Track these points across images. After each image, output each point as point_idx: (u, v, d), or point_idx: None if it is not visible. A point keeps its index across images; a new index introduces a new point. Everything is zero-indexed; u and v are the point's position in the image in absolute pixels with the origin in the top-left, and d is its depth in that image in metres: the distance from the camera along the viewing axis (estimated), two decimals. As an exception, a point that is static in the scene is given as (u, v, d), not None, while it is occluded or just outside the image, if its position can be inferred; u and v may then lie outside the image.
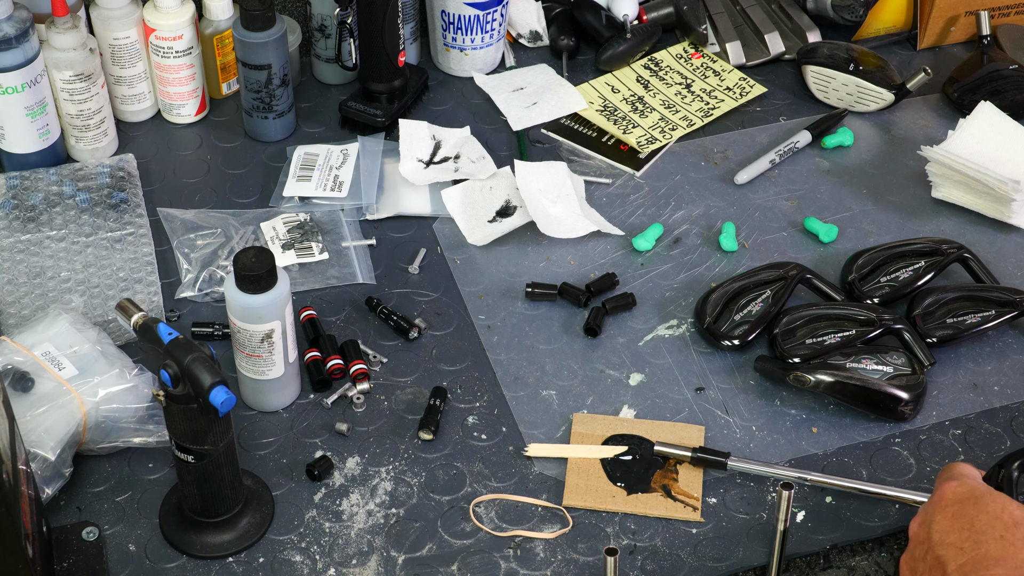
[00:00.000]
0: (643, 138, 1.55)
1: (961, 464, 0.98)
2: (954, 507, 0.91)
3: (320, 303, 1.32)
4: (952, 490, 0.93)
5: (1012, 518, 0.89)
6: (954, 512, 0.91)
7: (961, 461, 1.03)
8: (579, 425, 1.20)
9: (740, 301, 1.31)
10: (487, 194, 1.44)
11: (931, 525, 0.91)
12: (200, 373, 0.96)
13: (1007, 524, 0.88)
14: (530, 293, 1.33)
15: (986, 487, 0.93)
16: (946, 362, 1.28)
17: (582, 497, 1.13)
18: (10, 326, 1.26)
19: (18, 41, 1.33)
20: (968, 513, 0.90)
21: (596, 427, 1.19)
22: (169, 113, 1.55)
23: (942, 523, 0.91)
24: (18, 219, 1.38)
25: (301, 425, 1.20)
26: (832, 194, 1.49)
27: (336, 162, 1.47)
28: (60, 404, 1.09)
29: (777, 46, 1.68)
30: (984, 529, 0.88)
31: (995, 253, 1.41)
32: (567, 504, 1.13)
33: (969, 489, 0.93)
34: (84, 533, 1.09)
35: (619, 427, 1.19)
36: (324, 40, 1.58)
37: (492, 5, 1.60)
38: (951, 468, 0.97)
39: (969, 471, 0.97)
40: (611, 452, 1.17)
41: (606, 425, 1.20)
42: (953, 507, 0.91)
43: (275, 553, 1.09)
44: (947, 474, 0.97)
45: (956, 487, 0.93)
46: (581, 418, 1.20)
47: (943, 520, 0.91)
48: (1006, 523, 0.88)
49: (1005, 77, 1.58)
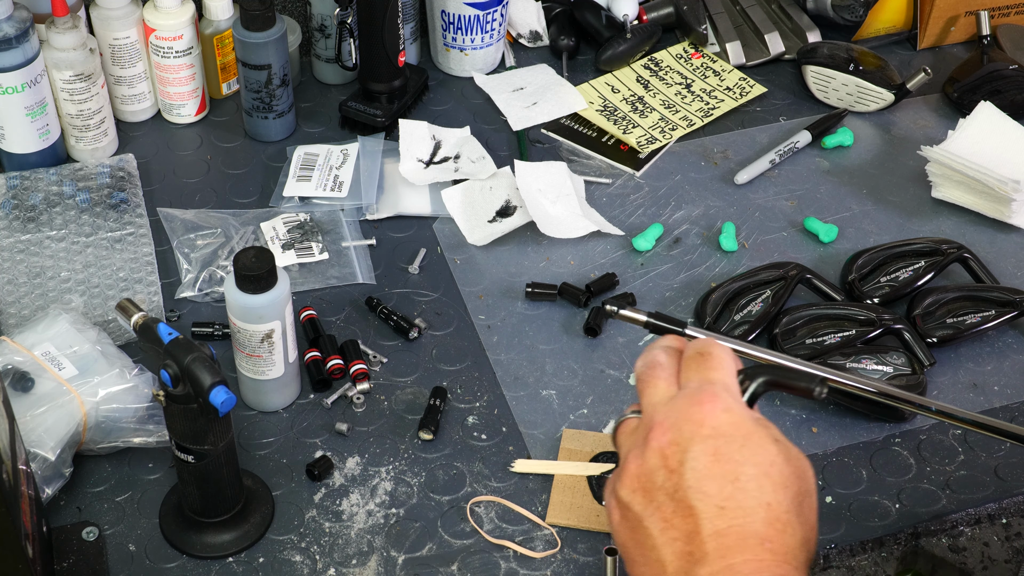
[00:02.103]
0: (643, 138, 1.55)
1: (728, 363, 0.78)
2: (717, 441, 0.73)
3: (320, 303, 1.32)
4: (719, 414, 0.74)
5: (780, 477, 0.72)
6: (716, 449, 0.72)
7: (726, 350, 0.80)
8: (568, 441, 1.18)
9: (740, 301, 1.31)
10: (487, 194, 1.44)
11: (686, 454, 0.73)
12: (200, 373, 0.96)
13: (775, 484, 0.72)
14: (530, 293, 1.33)
15: (751, 417, 0.75)
16: (946, 362, 1.28)
17: (566, 515, 1.12)
18: (10, 326, 1.26)
19: (18, 41, 1.33)
20: (733, 457, 0.72)
21: (585, 443, 1.18)
22: (169, 113, 1.55)
23: (701, 459, 0.72)
24: (18, 219, 1.38)
25: (301, 425, 1.20)
26: (832, 194, 1.49)
27: (336, 162, 1.47)
28: (60, 404, 1.09)
29: (777, 46, 1.68)
30: (751, 488, 0.71)
31: (995, 253, 1.42)
32: (551, 522, 1.12)
33: (736, 420, 0.74)
34: (84, 533, 1.09)
35: (608, 444, 1.18)
36: (324, 40, 1.58)
37: (492, 5, 1.60)
38: (717, 362, 0.78)
39: (734, 386, 0.78)
40: (598, 469, 1.15)
41: (595, 442, 1.18)
42: (716, 441, 0.73)
43: (275, 553, 1.09)
44: (708, 371, 0.78)
45: (723, 412, 0.74)
46: (571, 434, 1.19)
47: (702, 455, 0.72)
48: (774, 482, 0.72)
49: (1005, 77, 1.58)
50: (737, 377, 0.78)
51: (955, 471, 1.18)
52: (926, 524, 1.14)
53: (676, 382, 0.79)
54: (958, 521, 1.16)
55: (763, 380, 0.79)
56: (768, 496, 0.71)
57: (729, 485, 0.71)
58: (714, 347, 0.79)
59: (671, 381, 0.79)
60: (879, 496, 1.16)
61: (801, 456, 0.75)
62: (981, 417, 0.92)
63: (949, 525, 1.15)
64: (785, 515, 0.71)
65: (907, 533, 1.14)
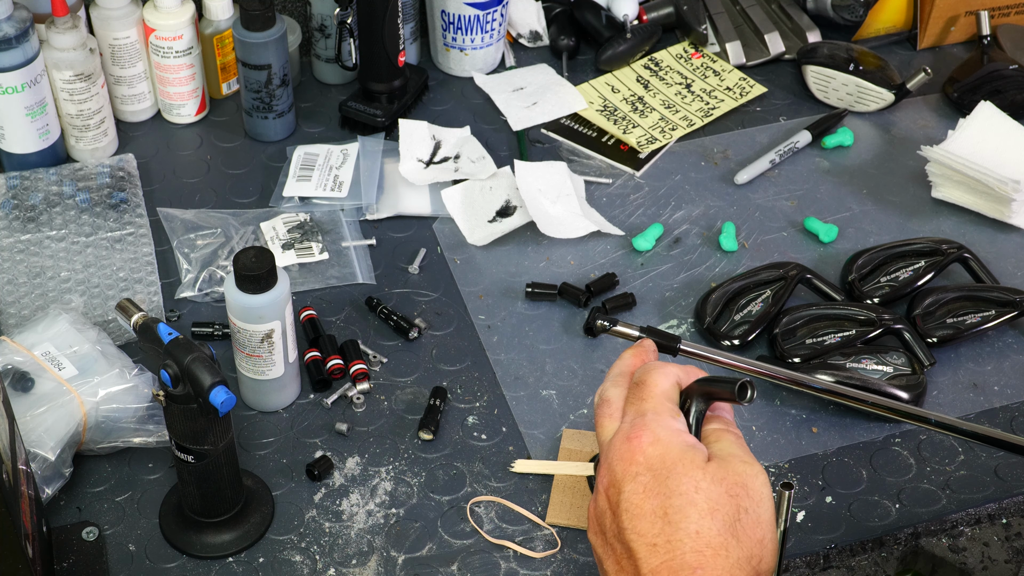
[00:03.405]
0: (643, 138, 1.55)
1: (663, 386, 0.79)
2: (646, 477, 0.74)
3: (320, 303, 1.32)
4: (645, 448, 0.75)
5: (707, 503, 0.73)
6: (645, 486, 0.74)
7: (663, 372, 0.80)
8: (568, 441, 1.18)
9: (740, 301, 1.31)
10: (487, 194, 1.44)
11: (621, 495, 0.74)
12: (200, 373, 0.96)
13: (701, 512, 0.72)
14: (530, 293, 1.33)
15: (681, 444, 0.75)
16: (946, 362, 1.28)
17: (566, 515, 1.12)
18: (10, 326, 1.26)
19: (18, 41, 1.33)
20: (660, 491, 0.73)
21: (585, 443, 1.18)
22: (169, 113, 1.55)
23: (632, 499, 0.74)
24: (18, 219, 1.38)
25: (301, 425, 1.20)
26: (832, 194, 1.49)
27: (336, 162, 1.47)
28: (60, 404, 1.09)
29: (777, 46, 1.68)
30: (677, 521, 0.72)
31: (995, 253, 1.42)
32: (551, 522, 1.12)
33: (663, 452, 0.75)
34: (84, 533, 1.09)
35: None
36: (324, 40, 1.58)
37: (492, 5, 1.60)
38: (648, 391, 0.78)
39: (665, 411, 0.78)
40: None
41: (595, 442, 1.18)
42: (645, 477, 0.74)
43: (275, 553, 1.09)
44: (639, 401, 0.78)
45: (650, 444, 0.75)
46: (571, 434, 1.19)
47: (634, 495, 0.74)
48: (700, 509, 0.73)
49: (1005, 77, 1.58)
50: (680, 398, 0.79)
51: (955, 471, 1.18)
52: (926, 524, 1.14)
53: (620, 417, 0.80)
54: (958, 521, 1.16)
55: (696, 396, 0.79)
56: (694, 524, 0.72)
57: (659, 521, 0.73)
58: (649, 374, 0.79)
59: (615, 417, 0.80)
60: (879, 496, 1.16)
61: (743, 470, 0.75)
62: (944, 418, 0.92)
63: (949, 525, 1.15)
64: (717, 538, 0.72)
65: (907, 533, 1.14)
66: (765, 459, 1.18)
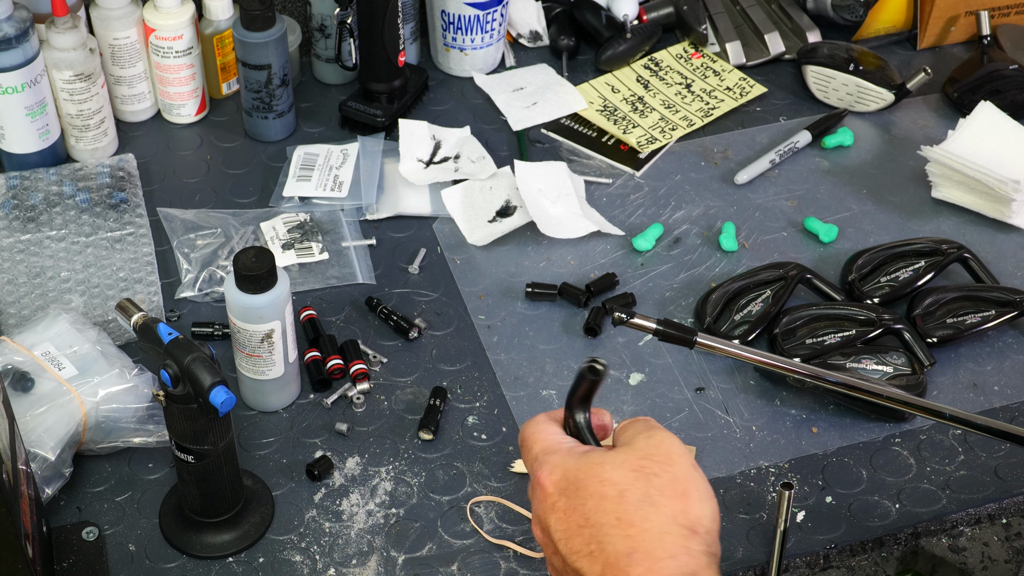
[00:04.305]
0: (643, 138, 1.55)
1: (536, 430, 0.84)
2: (561, 501, 0.79)
3: (320, 303, 1.32)
4: (550, 482, 0.80)
5: (615, 488, 0.77)
6: (564, 509, 0.78)
7: (533, 420, 0.86)
8: None
9: (740, 301, 1.31)
10: (487, 194, 1.44)
11: (550, 532, 0.79)
12: (200, 373, 0.96)
13: (615, 499, 0.76)
14: (530, 293, 1.33)
15: (573, 458, 0.80)
16: (946, 362, 1.28)
17: None
18: (10, 326, 1.26)
19: (18, 41, 1.33)
20: (575, 506, 0.78)
21: None
22: (169, 113, 1.55)
23: (558, 527, 0.78)
24: (18, 219, 1.38)
25: (301, 425, 1.20)
26: (832, 194, 1.49)
27: (336, 162, 1.47)
28: (60, 404, 1.09)
29: (777, 46, 1.68)
30: (598, 520, 0.76)
31: (995, 253, 1.42)
32: None
33: (562, 472, 0.79)
34: (84, 533, 1.09)
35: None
36: (324, 40, 1.58)
37: (492, 5, 1.60)
38: (530, 441, 0.84)
39: (549, 442, 0.83)
40: None
41: None
42: (560, 501, 0.79)
43: (275, 553, 1.09)
44: (530, 454, 0.83)
45: (550, 476, 0.80)
46: None
47: (557, 523, 0.78)
48: (613, 498, 0.76)
49: (1005, 77, 1.58)
50: (563, 430, 0.84)
51: (955, 471, 1.18)
52: (926, 524, 1.14)
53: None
54: (958, 521, 1.16)
55: (571, 412, 0.84)
56: (612, 514, 0.76)
57: (585, 530, 0.76)
58: (524, 430, 0.85)
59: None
60: (879, 496, 1.16)
61: (643, 444, 0.79)
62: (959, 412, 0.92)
63: (949, 525, 1.15)
64: (636, 515, 0.76)
65: (907, 533, 1.14)
66: (765, 459, 1.18)
